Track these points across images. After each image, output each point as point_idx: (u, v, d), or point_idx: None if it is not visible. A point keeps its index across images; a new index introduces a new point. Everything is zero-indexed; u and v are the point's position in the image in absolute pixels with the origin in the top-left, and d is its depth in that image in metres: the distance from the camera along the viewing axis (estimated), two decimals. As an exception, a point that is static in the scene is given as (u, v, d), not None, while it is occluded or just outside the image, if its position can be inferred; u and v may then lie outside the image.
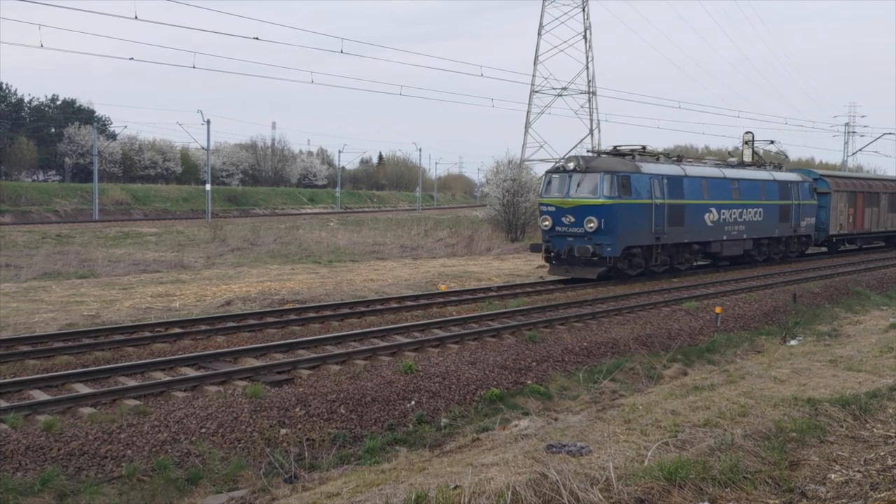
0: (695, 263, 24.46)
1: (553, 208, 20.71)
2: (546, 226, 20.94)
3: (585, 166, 20.46)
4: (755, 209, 25.72)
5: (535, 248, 22.17)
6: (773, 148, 32.58)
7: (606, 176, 20.04)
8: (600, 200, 19.96)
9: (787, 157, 31.90)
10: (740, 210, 24.89)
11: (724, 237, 24.38)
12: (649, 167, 21.49)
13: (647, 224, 20.96)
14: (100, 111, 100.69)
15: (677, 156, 24.33)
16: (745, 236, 25.42)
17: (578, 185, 20.36)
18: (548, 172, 21.83)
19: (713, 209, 23.55)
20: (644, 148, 22.70)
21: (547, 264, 21.70)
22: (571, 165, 20.71)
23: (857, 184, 33.52)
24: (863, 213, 33.23)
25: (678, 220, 22.11)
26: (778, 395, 9.50)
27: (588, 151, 21.76)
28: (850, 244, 34.63)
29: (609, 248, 19.97)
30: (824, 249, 33.34)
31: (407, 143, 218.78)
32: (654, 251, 21.85)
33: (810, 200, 29.31)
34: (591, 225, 19.89)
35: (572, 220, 20.30)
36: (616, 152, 22.28)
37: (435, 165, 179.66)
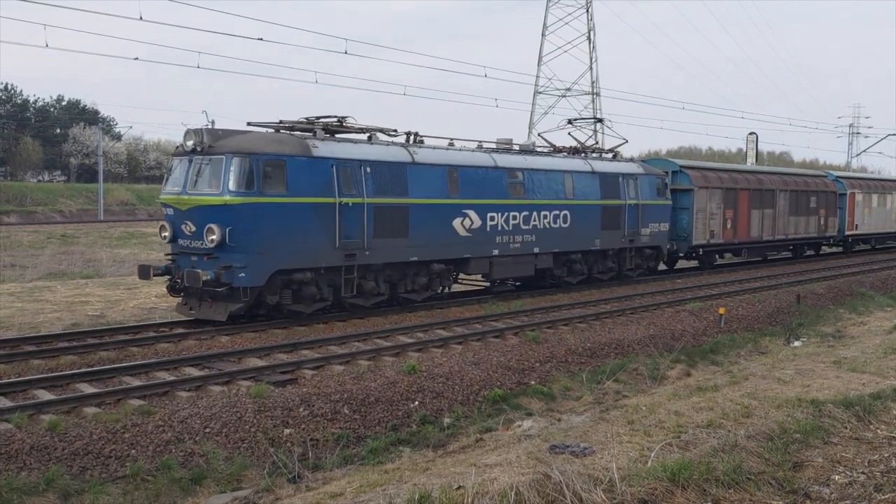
0: (445, 290, 17.22)
1: (171, 210, 13.83)
2: (165, 237, 14.02)
3: (209, 144, 13.41)
4: (555, 212, 18.65)
5: (142, 273, 14.02)
6: (615, 136, 24.85)
7: (237, 160, 13.06)
8: (225, 198, 13.01)
9: (626, 141, 23.33)
10: (527, 213, 17.92)
11: (496, 252, 17.26)
12: (335, 148, 14.35)
13: (327, 235, 13.94)
14: (104, 112, 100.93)
15: (409, 134, 16.62)
16: (536, 250, 18.29)
17: (199, 175, 13.45)
18: (173, 154, 14.59)
19: (471, 212, 16.57)
20: (341, 121, 15.30)
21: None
22: (191, 143, 13.62)
23: (738, 178, 26.07)
24: (748, 216, 25.96)
25: (397, 229, 15.10)
26: (781, 397, 9.50)
27: (248, 124, 14.71)
28: (735, 256, 27.72)
29: (243, 274, 13.02)
30: (695, 264, 26.32)
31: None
32: (346, 276, 14.51)
33: (659, 200, 22.03)
34: (213, 237, 12.96)
35: (193, 229, 13.39)
36: (282, 125, 14.84)
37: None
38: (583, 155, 21.00)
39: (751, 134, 48.95)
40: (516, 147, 19.40)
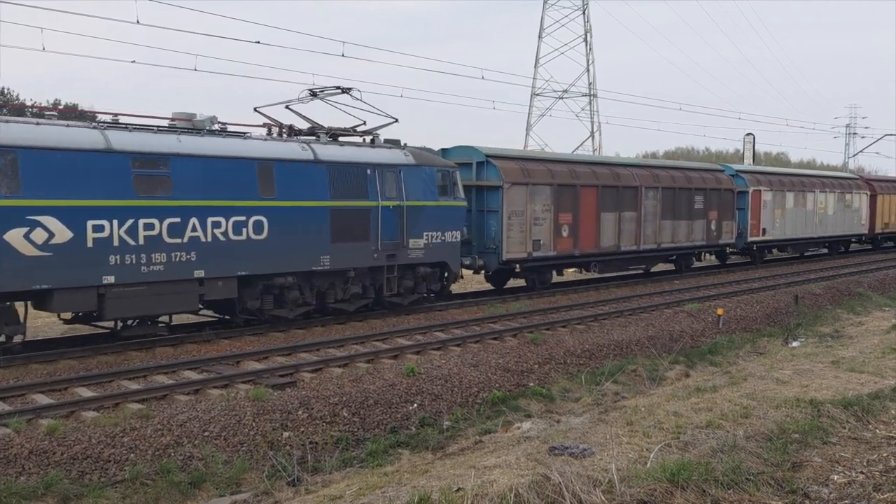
0: (16, 338, 11.61)
1: None
2: None
3: None
4: (236, 218, 12.95)
5: None
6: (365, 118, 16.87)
7: None
8: None
9: (396, 120, 16.72)
10: (176, 220, 12.26)
11: (112, 278, 11.57)
12: None
13: None
14: (102, 115, 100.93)
15: None
16: (200, 274, 12.56)
17: None
18: None
19: (50, 219, 11.09)
20: None
21: None
22: None
23: (580, 173, 19.90)
24: (597, 220, 20.04)
25: None
26: (780, 397, 9.52)
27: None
28: (585, 271, 21.06)
29: None
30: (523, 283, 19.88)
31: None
32: None
33: (442, 200, 16.19)
34: None
35: None
36: None
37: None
38: (314, 138, 15.01)
39: (748, 135, 48.89)
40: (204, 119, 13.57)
